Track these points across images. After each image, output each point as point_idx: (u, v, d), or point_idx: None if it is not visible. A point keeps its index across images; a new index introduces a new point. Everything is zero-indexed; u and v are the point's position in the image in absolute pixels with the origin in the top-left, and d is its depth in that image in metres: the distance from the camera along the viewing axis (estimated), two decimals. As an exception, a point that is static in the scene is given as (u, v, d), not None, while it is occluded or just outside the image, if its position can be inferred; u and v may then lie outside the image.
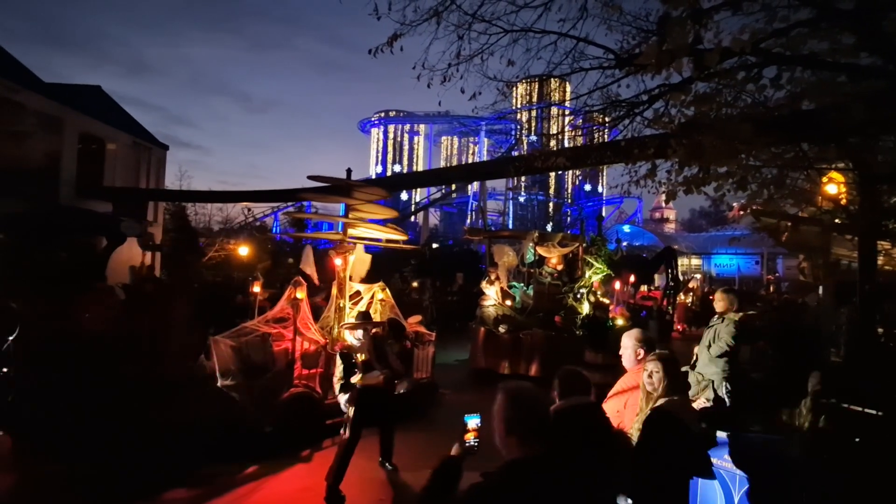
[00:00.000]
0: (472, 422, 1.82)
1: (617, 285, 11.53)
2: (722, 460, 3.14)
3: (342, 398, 4.56)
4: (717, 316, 4.56)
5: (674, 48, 3.05)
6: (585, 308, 9.47)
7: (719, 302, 4.57)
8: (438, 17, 4.08)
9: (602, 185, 56.46)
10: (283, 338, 5.77)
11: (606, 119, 4.54)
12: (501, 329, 9.22)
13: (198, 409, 5.26)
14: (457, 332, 12.16)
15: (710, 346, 4.43)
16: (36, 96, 11.63)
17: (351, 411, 4.41)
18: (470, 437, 1.80)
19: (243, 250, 14.99)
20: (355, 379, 4.46)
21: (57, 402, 4.94)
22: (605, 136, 6.01)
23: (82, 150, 13.29)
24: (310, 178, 6.57)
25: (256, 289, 6.75)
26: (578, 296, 9.61)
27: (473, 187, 45.62)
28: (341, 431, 4.47)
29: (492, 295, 9.69)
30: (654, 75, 3.46)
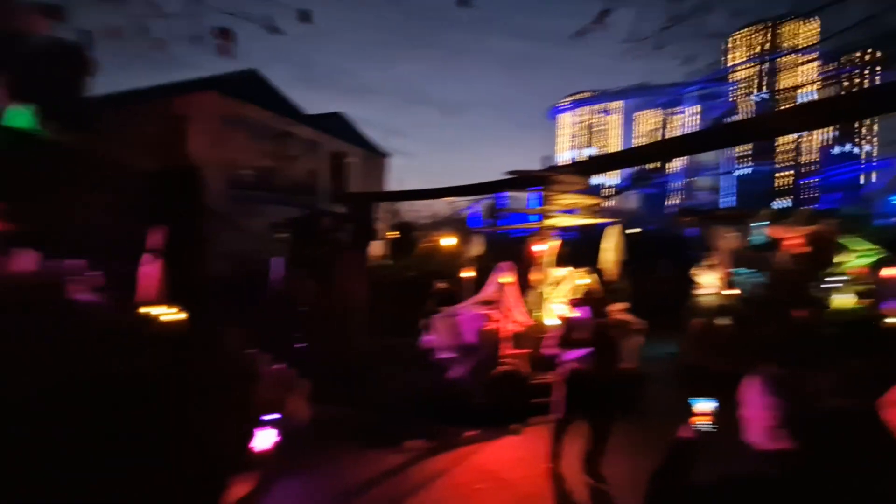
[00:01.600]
0: (704, 405, 1.78)
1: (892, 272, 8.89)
2: None
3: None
4: None
5: None
6: (843, 301, 7.62)
7: None
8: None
9: (864, 146, 43.51)
10: (492, 318, 6.30)
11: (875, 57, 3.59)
12: (722, 322, 8.14)
13: (424, 377, 6.19)
14: (662, 323, 11.14)
15: None
16: (302, 127, 15.36)
17: (559, 391, 4.48)
18: (702, 421, 1.75)
19: (447, 241, 16.65)
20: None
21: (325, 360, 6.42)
22: (869, 82, 4.73)
23: (331, 165, 16.86)
24: (508, 173, 6.95)
25: (468, 273, 7.48)
26: (832, 286, 7.78)
27: (679, 164, 40.58)
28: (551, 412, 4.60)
29: (710, 283, 8.61)
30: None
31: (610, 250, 7.18)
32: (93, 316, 2.76)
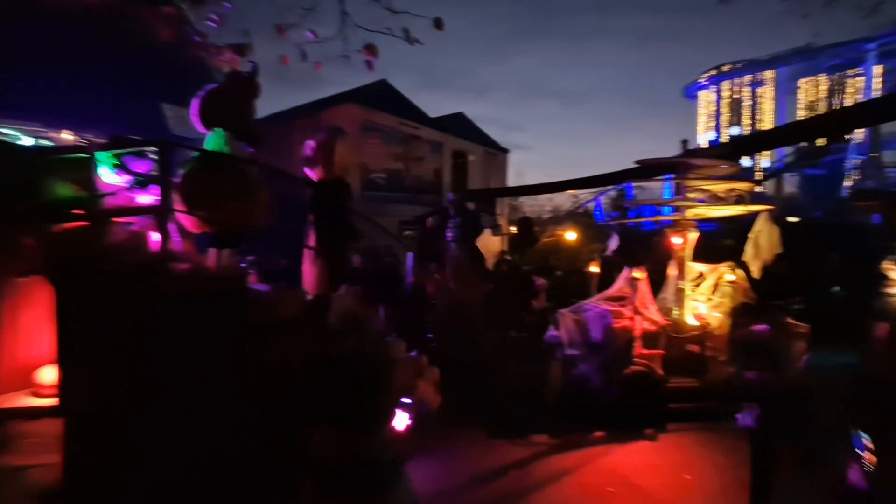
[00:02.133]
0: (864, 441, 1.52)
1: None
2: None
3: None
4: None
5: None
6: None
7: None
8: None
9: None
10: (622, 316, 5.99)
11: None
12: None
13: (549, 372, 6.12)
14: (831, 327, 9.42)
15: None
16: (427, 129, 16.21)
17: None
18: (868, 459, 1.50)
19: (570, 235, 16.20)
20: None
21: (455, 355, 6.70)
22: None
23: (453, 164, 17.49)
24: (637, 162, 6.50)
25: (594, 268, 7.21)
26: None
27: (855, 138, 33.49)
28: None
29: (903, 280, 7.07)
30: None
31: (759, 242, 6.32)
32: (271, 303, 3.30)
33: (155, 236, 3.47)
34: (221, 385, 2.97)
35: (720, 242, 8.02)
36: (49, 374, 3.36)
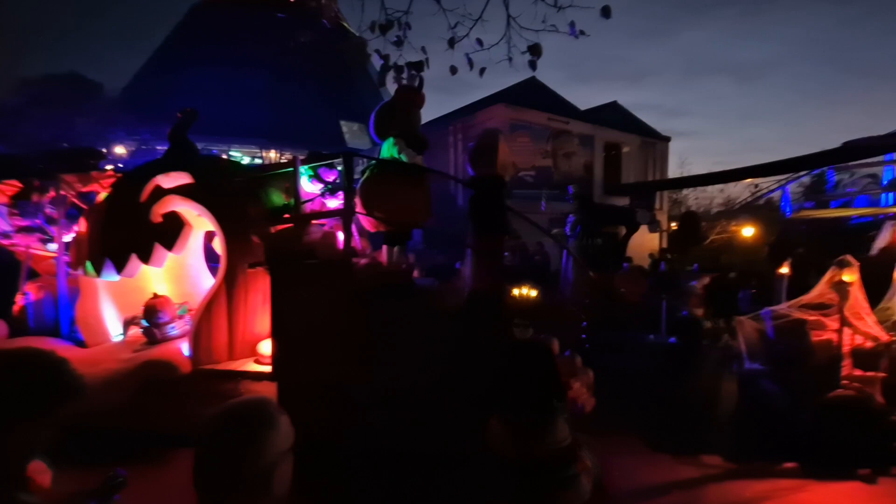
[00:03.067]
0: None
1: None
2: None
3: None
4: None
5: None
6: None
7: None
8: None
9: None
10: (825, 327, 4.99)
11: None
12: None
13: (728, 387, 5.40)
14: None
15: None
16: (577, 123, 15.66)
17: None
18: None
19: (747, 231, 14.01)
20: None
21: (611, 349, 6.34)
22: None
23: (606, 157, 16.55)
24: (847, 143, 5.32)
25: (784, 270, 6.15)
26: None
27: None
28: None
29: None
30: None
31: None
32: (436, 295, 3.60)
33: (340, 235, 4.05)
34: (397, 362, 3.34)
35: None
36: (266, 347, 4.18)
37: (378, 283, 3.57)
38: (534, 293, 4.61)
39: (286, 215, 4.22)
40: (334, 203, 4.47)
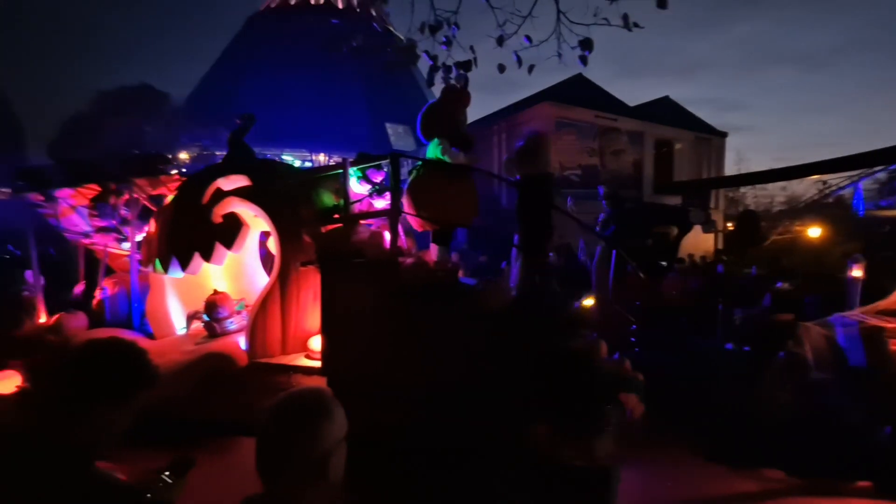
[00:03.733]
0: None
1: None
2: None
3: None
4: None
5: None
6: None
7: None
8: None
9: None
10: (905, 336, 4.58)
11: None
12: None
13: (783, 398, 5.06)
14: None
15: None
16: (626, 119, 15.19)
17: None
18: None
19: (814, 231, 13.08)
20: None
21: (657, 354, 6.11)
22: None
23: (657, 154, 15.94)
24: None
25: (857, 272, 5.69)
26: None
27: None
28: None
29: None
30: None
31: None
32: (481, 295, 3.60)
33: (387, 235, 4.15)
34: (441, 361, 3.38)
35: None
36: (316, 342, 4.34)
37: (424, 281, 3.62)
38: (590, 301, 4.52)
39: (336, 216, 4.37)
40: (381, 203, 4.59)
